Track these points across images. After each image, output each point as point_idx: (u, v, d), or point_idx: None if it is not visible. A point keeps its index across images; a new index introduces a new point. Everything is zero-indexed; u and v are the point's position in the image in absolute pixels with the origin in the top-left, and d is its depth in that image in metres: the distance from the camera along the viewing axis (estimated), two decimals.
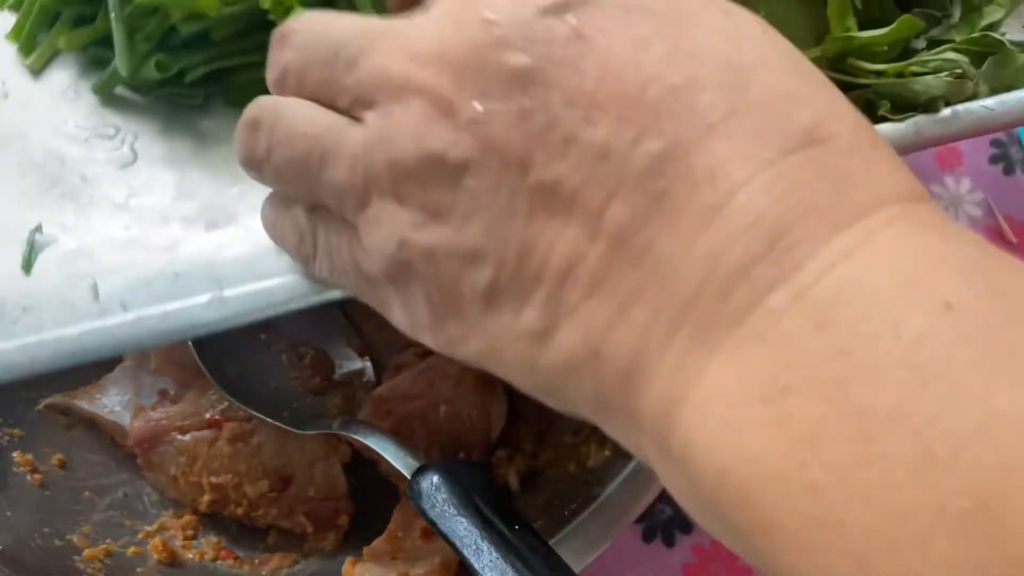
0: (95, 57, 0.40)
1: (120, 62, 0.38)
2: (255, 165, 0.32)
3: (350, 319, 0.57)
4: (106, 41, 0.39)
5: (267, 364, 0.54)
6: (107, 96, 0.40)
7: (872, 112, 0.37)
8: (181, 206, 0.37)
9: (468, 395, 0.51)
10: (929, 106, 0.37)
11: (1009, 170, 0.65)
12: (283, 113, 0.31)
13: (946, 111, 0.37)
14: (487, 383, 0.53)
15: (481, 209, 0.27)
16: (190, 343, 0.52)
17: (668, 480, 0.26)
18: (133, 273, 0.35)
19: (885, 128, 0.36)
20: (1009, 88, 0.38)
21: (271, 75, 0.32)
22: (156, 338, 0.34)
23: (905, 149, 0.36)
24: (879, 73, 0.37)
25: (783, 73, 0.26)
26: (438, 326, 0.30)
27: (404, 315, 0.31)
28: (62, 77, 0.41)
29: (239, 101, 0.36)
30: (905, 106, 0.37)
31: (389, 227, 0.29)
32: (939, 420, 0.20)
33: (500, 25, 0.27)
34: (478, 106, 0.27)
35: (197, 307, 0.34)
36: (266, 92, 0.32)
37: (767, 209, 0.23)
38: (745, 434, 0.22)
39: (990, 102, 0.37)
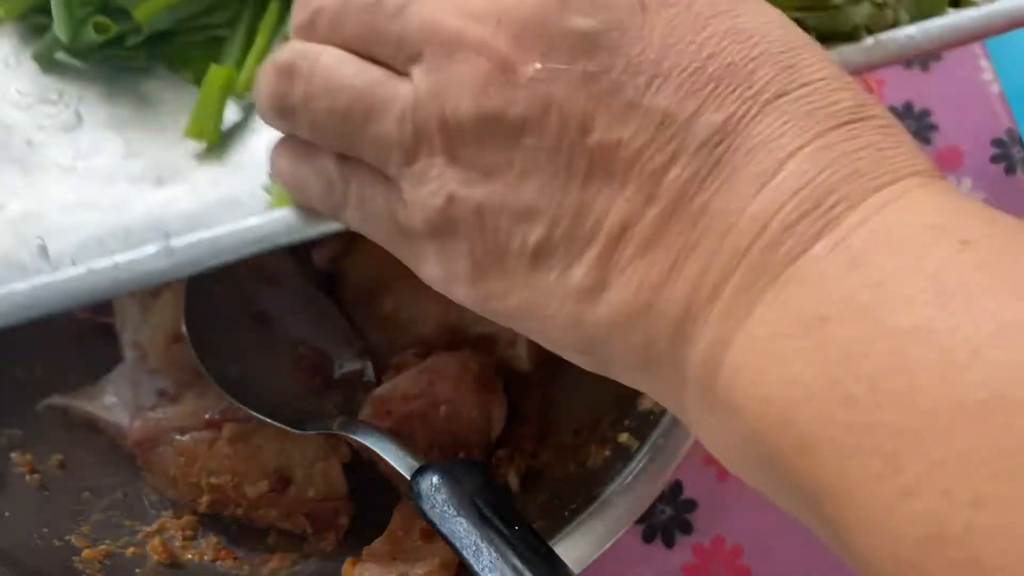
0: (34, 25, 0.41)
1: (59, 27, 0.39)
2: (286, 113, 0.32)
3: (350, 319, 0.57)
4: (45, 9, 0.39)
5: (267, 364, 0.54)
6: (48, 62, 0.40)
7: None
8: (128, 165, 0.38)
9: (468, 395, 0.51)
10: (853, 35, 0.38)
11: (1010, 170, 0.65)
12: (322, 61, 0.31)
13: (869, 39, 0.38)
14: (487, 383, 0.52)
15: (538, 168, 0.28)
16: (190, 343, 0.52)
17: (708, 431, 0.28)
18: (83, 233, 0.36)
19: None
20: (929, 16, 0.39)
21: (299, 17, 0.32)
22: (108, 289, 0.35)
23: None
24: (806, 7, 0.38)
25: (823, 58, 0.28)
26: (477, 281, 0.30)
27: (440, 268, 0.31)
28: (2, 46, 0.41)
29: (180, 63, 0.38)
30: (830, 36, 0.38)
31: (438, 183, 0.30)
32: (958, 330, 0.22)
33: None
34: (539, 65, 0.27)
35: (147, 257, 0.34)
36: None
37: (815, 174, 0.26)
38: (786, 362, 0.24)
39: (911, 30, 0.39)
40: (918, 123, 0.67)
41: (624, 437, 0.47)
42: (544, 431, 0.54)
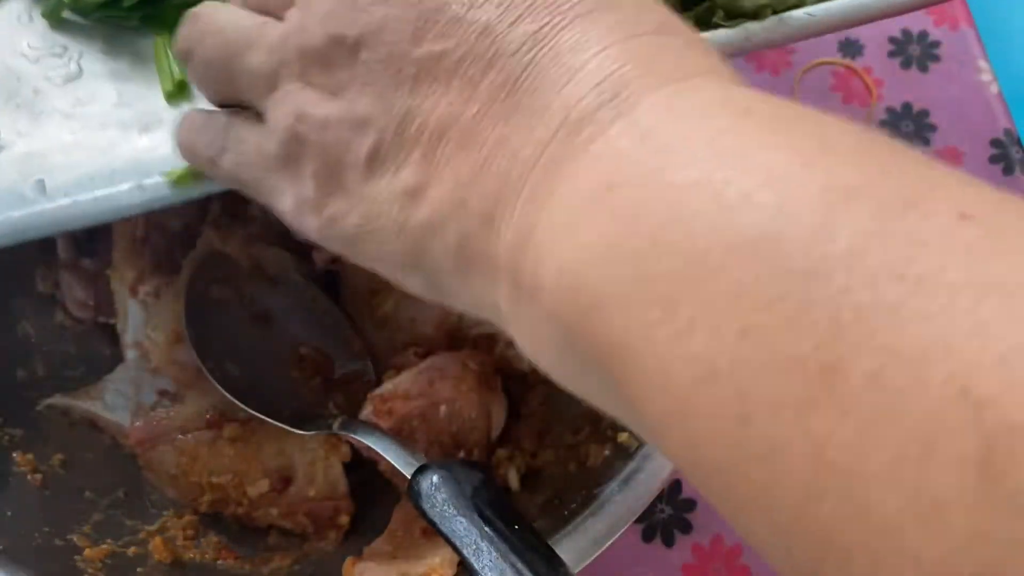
0: None
1: None
2: (185, 54, 0.37)
3: (350, 319, 0.57)
4: None
5: (267, 364, 0.54)
6: (56, 20, 0.45)
7: (708, 20, 0.42)
8: (119, 114, 0.43)
9: (468, 395, 0.52)
10: (758, 14, 0.41)
11: (1009, 170, 0.65)
12: (219, 10, 0.37)
13: (772, 18, 0.41)
14: (487, 383, 0.53)
15: (373, 81, 0.31)
16: (191, 343, 0.52)
17: (520, 326, 0.29)
18: (77, 171, 0.41)
19: (720, 34, 0.41)
20: None
21: None
22: (88, 218, 0.40)
23: (736, 52, 0.42)
24: None
25: None
26: (322, 203, 0.33)
27: (292, 197, 0.34)
28: (18, 5, 0.46)
29: (167, 25, 0.43)
30: (737, 14, 0.41)
31: (292, 104, 0.33)
32: (732, 181, 0.23)
33: None
34: None
35: (121, 192, 0.40)
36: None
37: (614, 70, 0.28)
38: (578, 231, 0.26)
39: (812, 9, 0.41)
40: (916, 124, 0.67)
41: (624, 436, 0.48)
42: (544, 431, 0.55)
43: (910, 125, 0.67)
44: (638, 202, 0.25)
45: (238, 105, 0.37)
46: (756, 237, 0.22)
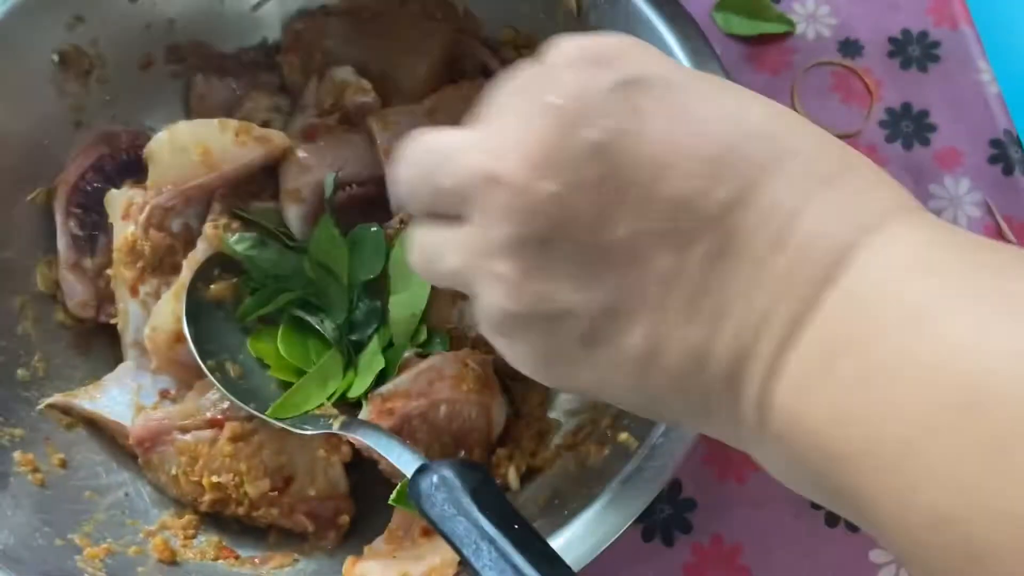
0: None
1: None
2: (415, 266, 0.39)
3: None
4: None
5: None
6: None
7: None
8: None
9: (468, 395, 0.52)
10: None
11: (1008, 170, 0.65)
12: (412, 238, 0.39)
13: None
14: (487, 383, 0.53)
15: (565, 270, 0.32)
16: (191, 343, 0.52)
17: (766, 459, 0.33)
18: None
19: None
20: None
21: (393, 202, 0.44)
22: None
23: None
24: None
25: (802, 123, 0.33)
26: (546, 369, 0.36)
27: (514, 360, 0.37)
28: None
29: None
30: None
31: (489, 299, 0.35)
32: (932, 352, 0.27)
33: (567, 107, 0.32)
34: (555, 182, 0.31)
35: None
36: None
37: (818, 231, 0.30)
38: (817, 395, 0.29)
39: None
40: (916, 124, 0.67)
41: (624, 436, 0.48)
42: (544, 431, 0.55)
43: (910, 125, 0.67)
44: (861, 371, 0.28)
45: None
46: (962, 404, 0.26)
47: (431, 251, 0.37)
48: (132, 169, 0.60)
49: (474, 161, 0.33)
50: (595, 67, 0.33)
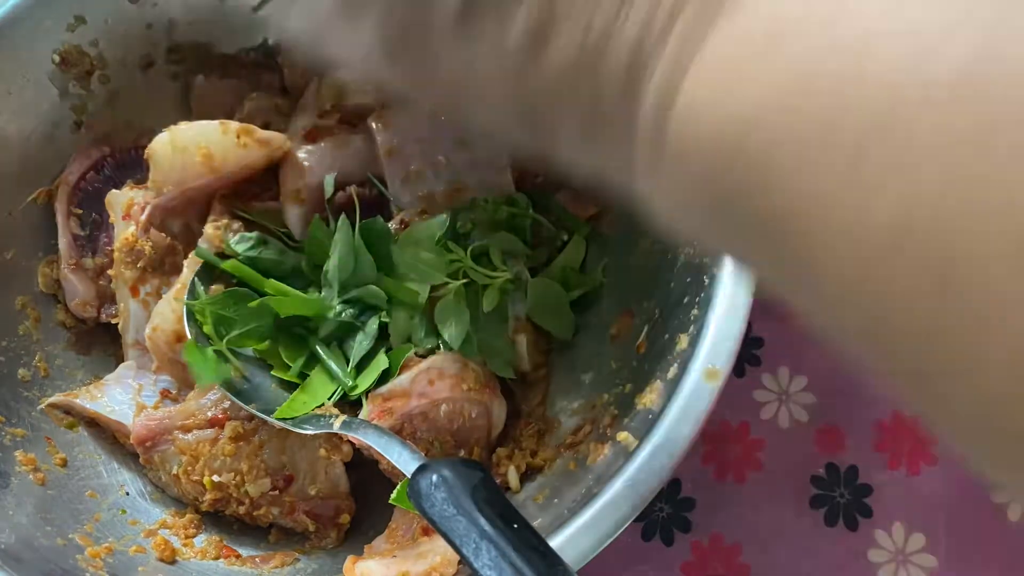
0: None
1: None
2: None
3: None
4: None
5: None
6: None
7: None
8: None
9: (469, 394, 0.52)
10: None
11: None
12: None
13: None
14: (487, 383, 0.53)
15: None
16: (191, 340, 0.52)
17: (659, 189, 0.27)
18: None
19: None
20: None
21: None
22: None
23: None
24: None
25: None
26: (395, 57, 0.29)
27: (360, 51, 0.30)
28: None
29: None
30: None
31: None
32: (923, 21, 0.21)
33: None
34: None
35: None
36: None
37: None
38: (742, 83, 0.23)
39: None
40: None
41: (623, 436, 0.48)
42: (544, 430, 0.55)
43: None
44: (811, 51, 0.22)
45: None
46: (957, 80, 0.20)
47: None
48: (133, 169, 0.60)
49: None
50: None
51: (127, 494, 0.55)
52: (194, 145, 0.54)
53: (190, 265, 0.55)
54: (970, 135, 0.19)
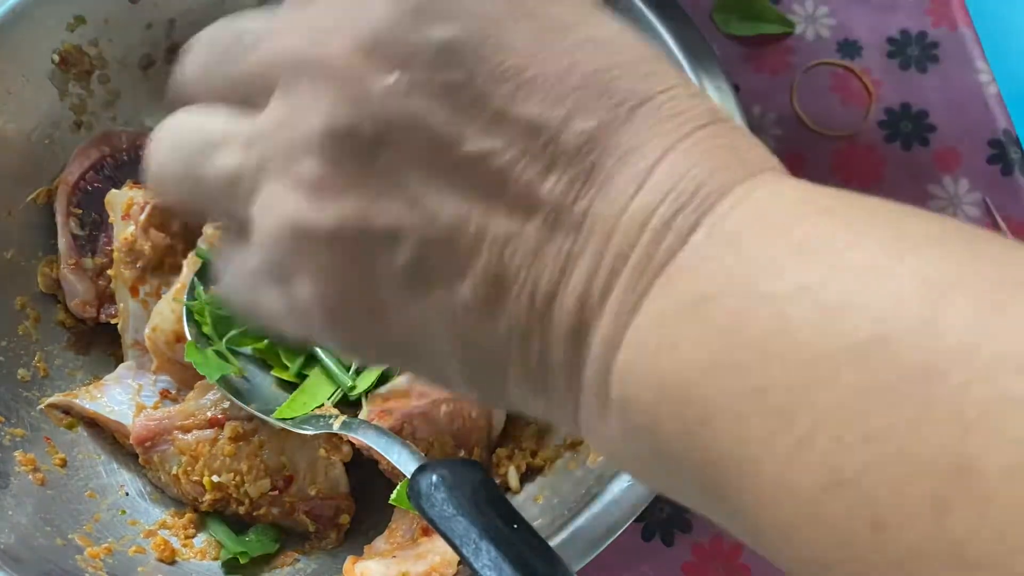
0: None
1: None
2: (151, 177, 0.31)
3: None
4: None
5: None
6: None
7: None
8: None
9: None
10: None
11: (1007, 171, 0.66)
12: (187, 113, 0.30)
13: None
14: None
15: (400, 185, 0.27)
16: (191, 341, 0.52)
17: (603, 438, 0.28)
18: None
19: None
20: None
21: (171, 97, 0.31)
22: None
23: None
24: None
25: (672, 68, 0.29)
26: (336, 323, 0.28)
27: (289, 316, 0.29)
28: None
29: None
30: None
31: (280, 208, 0.27)
32: (828, 284, 0.23)
33: None
34: (395, 77, 0.26)
35: None
36: None
37: (684, 171, 0.26)
38: (675, 345, 0.25)
39: None
40: (915, 124, 0.67)
41: None
42: (544, 430, 0.55)
43: (908, 126, 0.67)
44: (738, 313, 0.24)
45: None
46: (865, 340, 0.22)
47: (197, 142, 0.29)
48: (132, 169, 0.60)
49: (288, 41, 0.28)
50: None
51: (127, 494, 0.55)
52: None
53: (190, 265, 0.55)
54: (880, 391, 0.21)
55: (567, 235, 0.27)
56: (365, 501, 0.54)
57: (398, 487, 0.46)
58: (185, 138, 0.30)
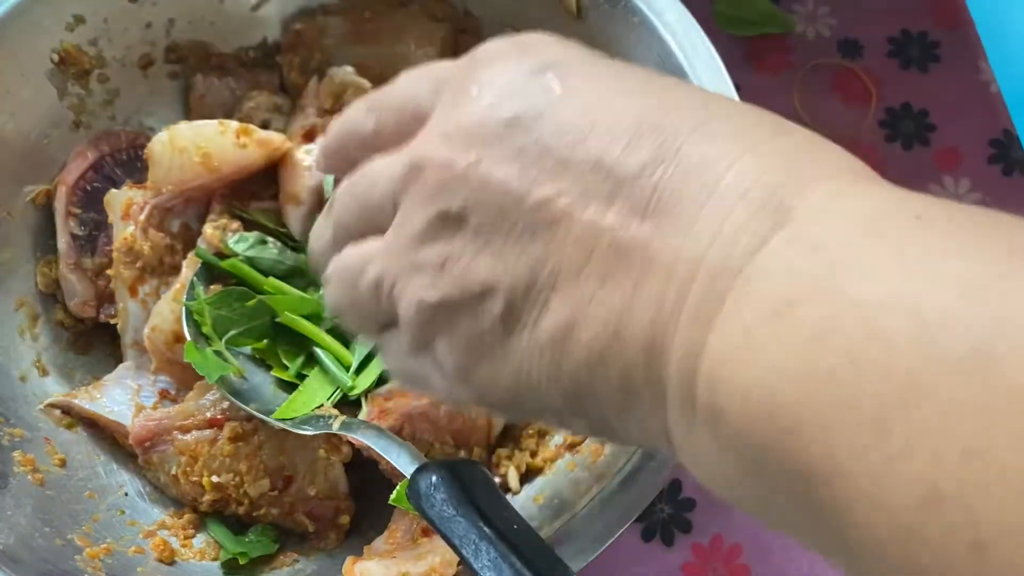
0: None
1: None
2: (332, 310, 0.39)
3: None
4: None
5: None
6: None
7: None
8: None
9: None
10: None
11: (1008, 170, 0.66)
12: (335, 264, 0.38)
13: None
14: None
15: (485, 244, 0.31)
16: (191, 341, 0.52)
17: (693, 451, 0.28)
18: None
19: None
20: None
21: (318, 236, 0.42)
22: None
23: None
24: None
25: (733, 101, 0.31)
26: (469, 375, 0.33)
27: (440, 378, 0.34)
28: None
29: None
30: None
31: (409, 295, 0.33)
32: (926, 295, 0.23)
33: (485, 92, 0.32)
34: (473, 154, 0.31)
35: None
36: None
37: (757, 178, 0.27)
38: (761, 351, 0.25)
39: None
40: (916, 124, 0.67)
41: None
42: (545, 430, 0.55)
43: (909, 125, 0.67)
44: (825, 320, 0.24)
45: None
46: (964, 356, 0.21)
47: (352, 269, 0.36)
48: (132, 169, 0.60)
49: (398, 163, 0.33)
50: (513, 57, 0.32)
51: (126, 495, 0.55)
52: (193, 145, 0.54)
53: (189, 265, 0.55)
54: (980, 410, 0.21)
55: (636, 253, 0.28)
56: (365, 501, 0.54)
57: (398, 487, 0.46)
58: (341, 275, 0.37)
